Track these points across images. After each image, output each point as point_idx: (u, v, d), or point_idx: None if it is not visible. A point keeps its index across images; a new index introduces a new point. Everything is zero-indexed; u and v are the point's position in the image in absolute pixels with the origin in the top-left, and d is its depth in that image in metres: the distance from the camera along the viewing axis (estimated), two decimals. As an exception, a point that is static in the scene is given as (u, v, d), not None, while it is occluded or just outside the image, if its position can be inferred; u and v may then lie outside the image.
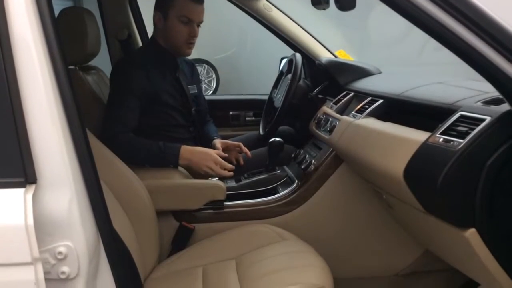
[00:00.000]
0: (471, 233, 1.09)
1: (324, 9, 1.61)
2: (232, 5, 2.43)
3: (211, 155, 1.79)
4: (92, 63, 2.15)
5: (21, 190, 0.81)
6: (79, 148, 0.89)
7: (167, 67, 1.96)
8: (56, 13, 1.58)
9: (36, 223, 0.80)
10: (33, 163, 0.84)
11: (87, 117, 1.17)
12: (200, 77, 4.87)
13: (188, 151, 1.78)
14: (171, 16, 1.87)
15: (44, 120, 0.86)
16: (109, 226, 0.93)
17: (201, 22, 1.92)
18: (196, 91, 2.13)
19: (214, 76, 4.96)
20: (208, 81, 4.96)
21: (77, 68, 2.01)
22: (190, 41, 1.90)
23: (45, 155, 0.85)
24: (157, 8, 1.90)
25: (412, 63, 4.13)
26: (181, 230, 1.70)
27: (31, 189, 0.82)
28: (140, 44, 2.61)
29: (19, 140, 0.83)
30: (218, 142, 2.03)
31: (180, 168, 1.84)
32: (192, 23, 1.88)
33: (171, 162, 1.78)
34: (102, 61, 2.31)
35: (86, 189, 0.90)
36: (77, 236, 0.86)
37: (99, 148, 1.34)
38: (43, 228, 0.83)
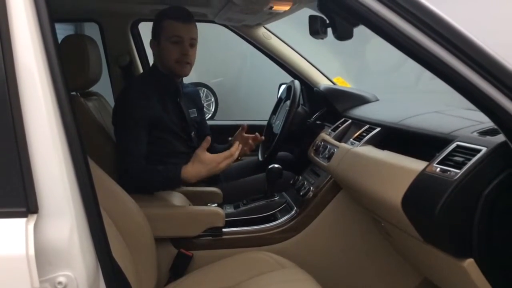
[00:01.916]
0: (469, 263, 1.09)
1: (322, 38, 1.65)
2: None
3: (208, 160, 1.71)
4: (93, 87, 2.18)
5: (23, 220, 0.82)
6: (81, 176, 0.90)
7: (168, 92, 1.98)
8: (58, 39, 1.60)
9: (36, 252, 0.80)
10: (35, 192, 0.84)
11: (88, 144, 1.18)
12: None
13: (189, 168, 1.72)
14: (162, 39, 1.91)
15: (47, 149, 0.86)
16: (109, 255, 0.92)
17: (194, 39, 1.92)
18: (196, 115, 2.15)
19: (213, 99, 5.02)
20: (207, 105, 5.01)
21: (78, 94, 2.03)
22: (182, 60, 1.89)
23: (47, 184, 0.85)
24: (152, 36, 1.96)
25: (408, 91, 4.19)
26: (180, 257, 1.69)
27: (32, 219, 0.82)
28: (141, 70, 2.65)
29: (21, 169, 0.84)
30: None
31: (179, 193, 1.84)
32: (182, 41, 1.88)
33: (173, 178, 1.73)
34: (103, 86, 2.33)
35: (87, 218, 0.90)
36: (77, 265, 0.86)
37: (98, 175, 1.35)
38: (43, 257, 0.83)
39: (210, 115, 4.97)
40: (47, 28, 0.88)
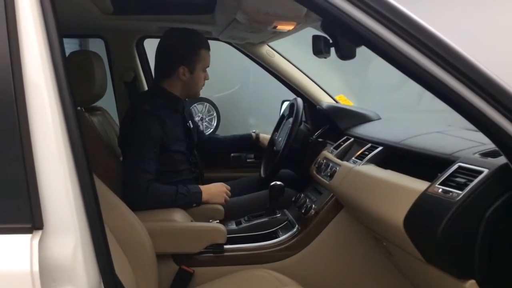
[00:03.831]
0: (471, 285, 1.09)
1: (325, 57, 1.67)
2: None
3: (221, 186, 2.00)
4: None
5: (28, 236, 0.82)
6: (86, 193, 0.90)
7: (178, 112, 2.02)
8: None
9: (41, 269, 0.81)
10: (40, 209, 0.84)
11: (91, 159, 1.19)
12: (201, 115, 4.97)
13: (205, 188, 1.94)
14: (198, 69, 1.96)
15: (53, 166, 0.87)
16: (112, 273, 0.93)
17: None
18: (192, 126, 2.18)
19: (215, 114, 5.04)
20: (209, 119, 5.02)
21: (83, 109, 2.05)
22: (203, 84, 2.04)
23: (52, 200, 0.86)
24: (182, 63, 1.94)
25: (410, 110, 4.20)
26: (181, 274, 1.69)
27: (37, 235, 0.83)
28: (146, 86, 2.67)
29: (28, 186, 0.84)
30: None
31: (181, 210, 1.85)
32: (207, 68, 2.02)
33: (195, 201, 1.91)
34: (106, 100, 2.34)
35: (91, 235, 0.90)
36: (80, 282, 0.86)
37: (101, 190, 1.35)
38: (47, 273, 0.83)
39: (212, 129, 4.98)
40: (56, 45, 0.89)
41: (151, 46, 2.69)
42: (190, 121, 2.15)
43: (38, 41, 0.87)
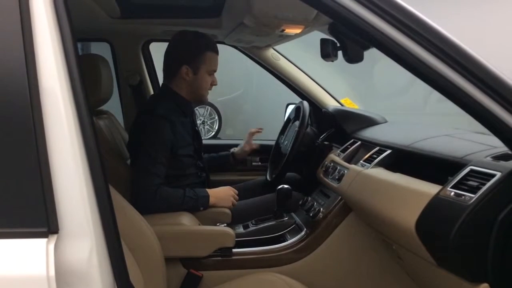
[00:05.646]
0: (484, 288, 1.09)
1: (332, 61, 1.67)
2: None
3: (229, 189, 2.00)
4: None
5: (44, 240, 0.82)
6: (100, 197, 0.90)
7: (187, 115, 2.02)
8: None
9: (56, 273, 0.81)
10: (56, 213, 0.85)
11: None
12: (203, 118, 4.97)
13: (212, 191, 1.94)
14: (202, 70, 1.96)
15: (68, 170, 0.87)
16: (126, 278, 0.93)
17: None
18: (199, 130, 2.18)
19: (216, 117, 5.05)
20: (211, 123, 5.03)
21: (90, 113, 2.05)
22: (209, 88, 2.03)
23: (68, 204, 0.86)
24: (186, 62, 1.94)
25: (415, 113, 4.20)
26: (189, 278, 1.68)
27: (53, 239, 0.83)
28: (151, 89, 2.67)
29: (43, 190, 0.84)
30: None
31: (188, 213, 1.85)
32: (214, 73, 2.00)
33: (203, 205, 1.90)
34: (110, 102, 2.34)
35: (105, 240, 0.90)
36: (95, 286, 0.86)
37: (111, 194, 1.35)
38: (62, 278, 0.83)
39: (213, 133, 4.99)
40: (71, 50, 0.89)
41: (156, 50, 2.70)
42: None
43: (53, 47, 0.87)
